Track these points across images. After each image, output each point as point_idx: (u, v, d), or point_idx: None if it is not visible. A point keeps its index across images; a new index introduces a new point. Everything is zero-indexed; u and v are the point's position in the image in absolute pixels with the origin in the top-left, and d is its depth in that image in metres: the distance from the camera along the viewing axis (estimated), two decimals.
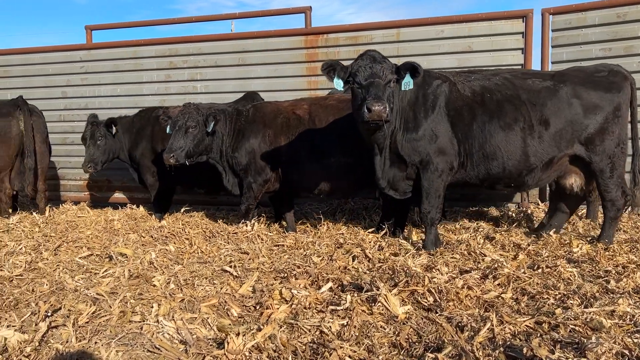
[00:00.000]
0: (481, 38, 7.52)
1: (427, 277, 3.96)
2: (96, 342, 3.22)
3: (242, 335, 3.08)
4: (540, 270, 4.26)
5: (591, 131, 5.06)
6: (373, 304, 3.57)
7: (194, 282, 4.32)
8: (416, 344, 3.04)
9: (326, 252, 5.09)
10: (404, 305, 3.58)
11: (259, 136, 6.19)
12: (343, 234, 5.90)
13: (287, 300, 3.78)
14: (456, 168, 5.20)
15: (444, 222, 6.35)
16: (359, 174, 5.94)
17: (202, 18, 9.58)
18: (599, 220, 6.05)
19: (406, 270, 4.16)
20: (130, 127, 7.67)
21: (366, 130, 4.97)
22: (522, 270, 4.22)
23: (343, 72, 4.86)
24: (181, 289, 4.16)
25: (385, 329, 3.26)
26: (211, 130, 6.06)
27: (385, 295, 3.59)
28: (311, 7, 8.39)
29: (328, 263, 4.71)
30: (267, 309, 3.64)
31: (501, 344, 2.91)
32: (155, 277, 4.41)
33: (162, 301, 3.83)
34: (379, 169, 5.24)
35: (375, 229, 5.88)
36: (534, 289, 3.82)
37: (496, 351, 2.80)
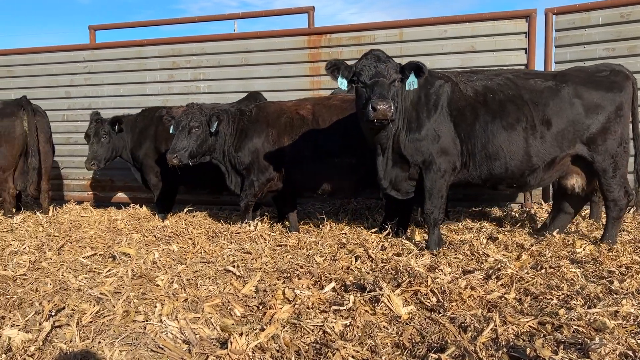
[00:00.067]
0: (484, 38, 7.51)
1: (430, 277, 3.97)
2: (100, 342, 3.23)
3: (245, 335, 3.09)
4: (544, 271, 4.25)
5: (593, 131, 5.05)
6: (376, 304, 3.57)
7: (197, 282, 4.33)
8: (419, 344, 3.04)
9: (329, 252, 5.09)
10: (407, 305, 3.58)
11: (262, 136, 6.20)
12: (346, 234, 5.91)
13: (290, 300, 3.78)
14: (459, 168, 5.19)
15: (447, 223, 6.35)
16: (362, 174, 5.94)
17: (205, 18, 9.59)
18: (602, 220, 6.03)
19: (409, 271, 4.16)
20: (133, 126, 7.68)
21: (370, 130, 4.96)
22: (526, 271, 4.22)
23: (347, 71, 4.85)
24: (184, 288, 4.17)
25: (388, 329, 3.26)
26: (214, 130, 6.07)
27: (388, 295, 3.59)
28: (314, 7, 8.38)
29: (331, 263, 4.71)
30: (270, 309, 3.64)
31: (504, 344, 2.91)
32: (158, 276, 4.42)
33: (166, 301, 3.84)
34: (381, 170, 5.24)
35: (378, 229, 5.88)
36: (537, 289, 3.82)
37: (499, 352, 2.80)
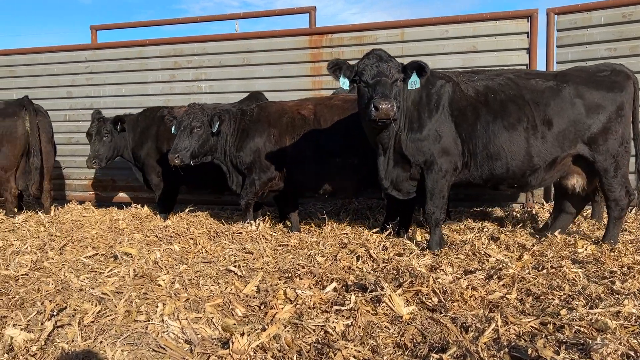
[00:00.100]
0: (486, 38, 7.51)
1: (432, 277, 3.97)
2: (102, 342, 3.23)
3: (246, 335, 3.09)
4: (545, 271, 4.25)
5: (594, 131, 5.04)
6: (377, 304, 3.57)
7: (198, 281, 4.33)
8: (421, 344, 3.04)
9: (330, 252, 5.09)
10: (409, 305, 3.58)
11: (263, 135, 6.20)
12: (347, 234, 5.90)
13: (291, 300, 3.78)
14: (460, 168, 5.19)
15: (449, 223, 6.35)
16: (363, 174, 5.94)
17: (207, 18, 9.60)
18: (604, 220, 6.03)
19: (411, 271, 4.16)
20: (134, 125, 7.69)
21: (372, 129, 4.96)
22: (527, 271, 4.21)
23: (349, 71, 4.84)
24: (186, 288, 4.17)
25: (389, 329, 3.26)
26: (216, 130, 6.07)
27: (389, 295, 3.59)
28: (315, 7, 8.39)
29: (332, 263, 4.71)
30: (272, 308, 3.64)
31: (506, 344, 2.91)
32: (160, 276, 4.43)
33: (167, 301, 3.85)
34: (382, 169, 5.24)
35: (380, 229, 5.88)
36: (539, 289, 3.82)
37: (501, 352, 2.80)
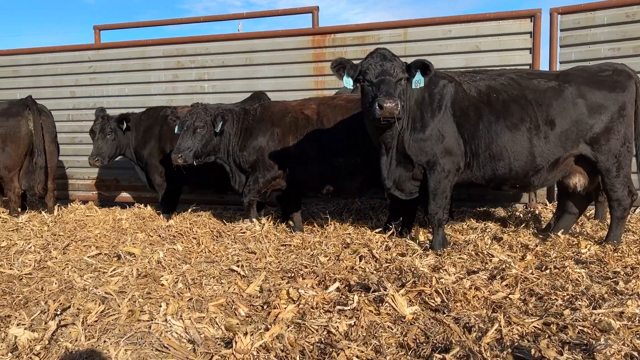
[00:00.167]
0: (489, 38, 7.50)
1: (435, 277, 3.96)
2: (105, 341, 3.24)
3: (249, 334, 3.09)
4: (548, 271, 4.24)
5: (596, 131, 5.03)
6: (380, 304, 3.57)
7: (201, 281, 4.34)
8: (424, 344, 3.04)
9: (333, 252, 5.10)
10: (412, 305, 3.58)
11: (267, 134, 6.20)
12: (350, 234, 5.90)
13: (294, 300, 3.78)
14: (462, 168, 5.18)
15: (451, 223, 6.34)
16: (366, 174, 5.94)
17: (210, 18, 9.62)
18: (607, 220, 6.01)
19: (413, 271, 4.15)
20: (137, 124, 7.70)
21: (376, 129, 4.95)
22: (530, 271, 4.21)
23: (353, 70, 4.83)
24: (189, 288, 4.18)
25: (392, 329, 3.26)
26: (219, 130, 6.08)
27: (392, 295, 3.59)
28: (318, 7, 8.39)
29: (335, 263, 4.72)
30: (275, 308, 3.64)
31: (509, 344, 2.90)
32: (163, 276, 4.43)
33: (170, 300, 3.85)
34: (385, 169, 5.23)
35: (383, 229, 5.88)
36: (542, 289, 3.81)
37: (504, 352, 2.79)
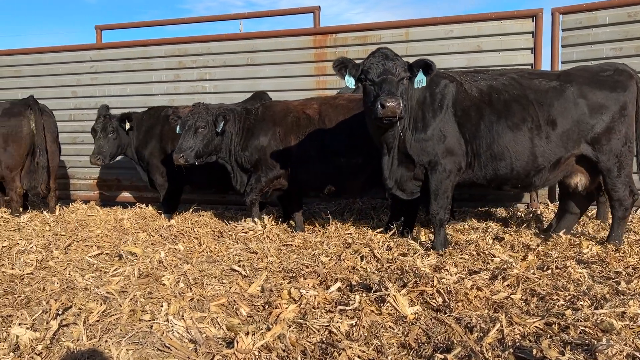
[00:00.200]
0: (490, 38, 7.49)
1: (436, 277, 3.96)
2: (107, 341, 3.24)
3: (251, 334, 3.09)
4: (550, 271, 4.24)
5: (598, 131, 5.03)
6: (382, 304, 3.57)
7: (203, 281, 4.34)
8: (425, 344, 3.04)
9: (334, 252, 5.09)
10: (413, 305, 3.58)
11: (269, 134, 6.20)
12: (351, 234, 5.90)
13: (295, 300, 3.79)
14: (464, 168, 5.18)
15: (453, 223, 6.33)
16: (368, 174, 5.94)
17: (211, 18, 9.62)
18: (609, 221, 6.00)
19: (415, 271, 4.15)
20: (139, 124, 7.69)
21: (377, 128, 4.95)
22: (532, 271, 4.20)
23: (355, 69, 4.83)
24: (190, 288, 4.18)
25: (394, 329, 3.26)
26: (221, 130, 6.08)
27: (394, 295, 3.59)
28: (320, 6, 8.39)
29: (336, 263, 4.72)
30: (276, 308, 3.65)
31: (511, 345, 2.90)
32: (164, 276, 4.44)
33: (172, 300, 3.86)
34: (386, 169, 5.23)
35: (384, 229, 5.87)
36: (544, 290, 3.81)
37: (506, 352, 2.79)
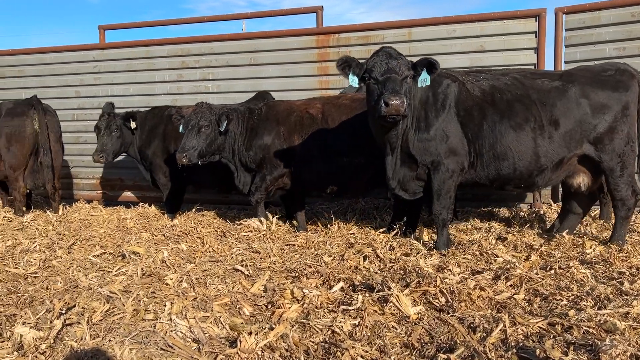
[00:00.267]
0: (493, 37, 7.48)
1: (439, 277, 3.96)
2: (110, 340, 3.25)
3: (254, 334, 3.09)
4: (553, 272, 4.23)
5: (600, 131, 5.02)
6: (385, 304, 3.57)
7: (206, 281, 4.35)
8: (428, 344, 3.04)
9: (337, 251, 5.10)
10: (416, 305, 3.58)
11: (272, 133, 6.20)
12: (354, 233, 5.90)
13: (298, 300, 3.79)
14: (466, 168, 5.17)
15: (456, 223, 6.33)
16: (370, 174, 5.94)
17: (214, 18, 9.62)
18: (612, 221, 5.99)
19: (418, 271, 4.15)
20: (142, 123, 7.70)
21: (381, 127, 4.94)
22: (535, 271, 4.20)
23: (358, 68, 4.82)
24: (193, 287, 4.18)
25: (397, 329, 3.26)
26: (224, 129, 6.08)
27: (396, 295, 3.59)
28: (322, 6, 8.39)
29: (339, 263, 4.72)
30: (279, 308, 3.65)
31: (514, 345, 2.90)
32: (167, 275, 4.45)
33: (175, 300, 3.86)
34: (390, 169, 5.22)
35: (387, 229, 5.88)
36: (547, 290, 3.80)
37: (509, 352, 2.79)
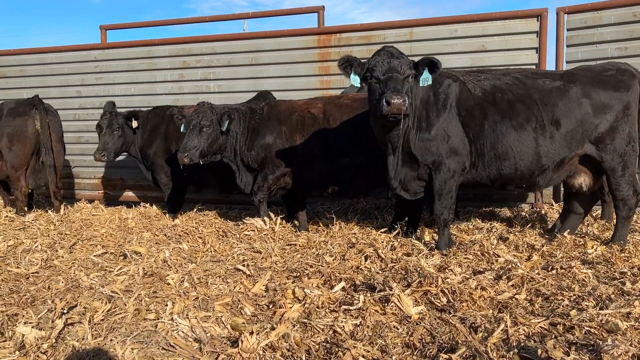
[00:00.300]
0: (495, 37, 7.47)
1: (441, 277, 3.96)
2: (112, 340, 3.25)
3: (255, 334, 3.09)
4: (555, 272, 4.23)
5: (601, 130, 5.02)
6: (386, 304, 3.56)
7: (207, 280, 4.35)
8: (430, 344, 3.04)
9: (338, 251, 5.10)
10: (417, 305, 3.58)
11: (274, 132, 6.21)
12: (355, 233, 5.90)
13: (300, 300, 3.79)
14: (468, 168, 5.17)
15: (457, 223, 6.32)
16: (372, 173, 5.94)
17: (215, 18, 9.63)
18: (614, 221, 5.98)
19: (419, 271, 4.15)
20: (144, 123, 7.70)
21: (382, 127, 4.93)
22: (536, 271, 4.19)
23: (360, 67, 4.82)
24: (195, 287, 4.19)
25: (398, 329, 3.26)
26: (225, 129, 6.08)
27: (398, 295, 3.59)
28: (324, 6, 8.39)
29: (340, 263, 4.72)
30: (280, 308, 3.65)
31: (515, 345, 2.90)
32: (169, 275, 4.45)
33: (177, 299, 3.86)
34: (392, 169, 5.22)
35: (388, 228, 5.87)
36: (549, 290, 3.80)
37: (510, 352, 2.78)
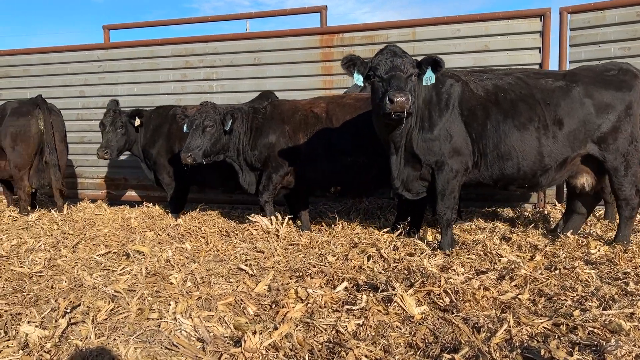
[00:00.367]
0: (498, 37, 7.47)
1: (443, 277, 3.95)
2: (115, 339, 3.26)
3: (258, 333, 3.10)
4: (558, 272, 4.22)
5: (604, 130, 5.01)
6: (389, 304, 3.57)
7: (210, 280, 4.36)
8: (432, 344, 3.03)
9: (341, 251, 5.10)
10: (420, 305, 3.57)
11: (277, 132, 6.21)
12: (358, 233, 5.90)
13: (302, 299, 3.79)
14: (470, 168, 5.16)
15: (460, 223, 6.32)
16: (374, 173, 5.94)
17: (218, 18, 9.64)
18: (617, 221, 5.97)
19: (422, 271, 4.15)
20: (147, 122, 7.71)
21: (385, 126, 4.92)
22: (539, 272, 4.19)
23: (363, 66, 4.81)
24: (198, 287, 4.19)
25: (401, 329, 3.26)
26: (228, 129, 6.09)
27: (401, 295, 3.59)
28: (326, 6, 8.40)
29: (343, 262, 4.72)
30: (283, 307, 3.65)
31: (518, 345, 2.90)
32: (172, 275, 4.45)
33: (179, 299, 3.87)
34: (395, 169, 5.21)
35: (390, 228, 5.87)
36: (552, 290, 3.79)
37: (513, 352, 2.78)
